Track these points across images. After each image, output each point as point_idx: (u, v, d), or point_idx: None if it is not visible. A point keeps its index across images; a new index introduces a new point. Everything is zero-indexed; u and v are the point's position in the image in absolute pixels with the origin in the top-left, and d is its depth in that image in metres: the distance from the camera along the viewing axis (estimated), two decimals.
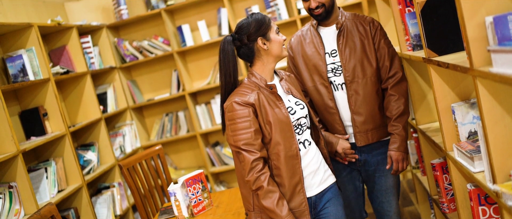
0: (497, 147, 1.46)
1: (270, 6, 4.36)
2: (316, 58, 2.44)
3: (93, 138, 3.95)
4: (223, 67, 2.03)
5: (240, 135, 1.96)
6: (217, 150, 4.61)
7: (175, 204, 2.43)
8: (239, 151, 1.97)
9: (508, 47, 1.21)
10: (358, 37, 2.41)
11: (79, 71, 3.80)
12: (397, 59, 2.43)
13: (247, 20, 2.06)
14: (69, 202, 3.45)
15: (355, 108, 2.41)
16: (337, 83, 2.43)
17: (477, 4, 1.43)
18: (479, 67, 1.43)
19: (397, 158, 2.41)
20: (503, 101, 1.46)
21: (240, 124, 1.97)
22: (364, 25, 2.44)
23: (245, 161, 1.96)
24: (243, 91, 2.02)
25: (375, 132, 2.45)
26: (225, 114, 2.03)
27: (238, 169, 2.10)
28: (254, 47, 2.04)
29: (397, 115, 2.40)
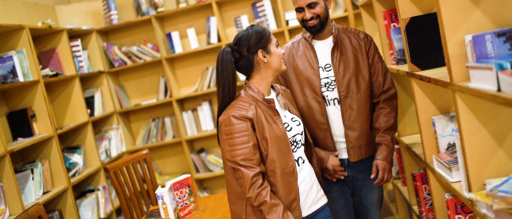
0: (474, 157, 1.55)
1: (258, 16, 4.44)
2: (309, 72, 2.38)
3: (80, 140, 3.97)
4: (222, 79, 1.97)
5: (238, 150, 1.90)
6: (202, 156, 4.65)
7: (162, 207, 2.47)
8: (237, 167, 1.90)
9: (484, 64, 1.30)
10: (351, 51, 2.37)
11: (68, 74, 3.83)
12: (389, 75, 2.43)
13: (247, 31, 2.00)
14: (54, 204, 3.46)
15: (349, 124, 2.37)
16: (329, 98, 2.38)
17: (457, 23, 1.53)
18: (458, 82, 1.52)
19: (383, 168, 2.37)
20: (480, 115, 1.55)
21: (238, 139, 1.90)
22: (358, 39, 2.40)
23: (244, 177, 1.89)
24: (241, 105, 1.96)
25: (367, 147, 2.42)
26: (221, 128, 1.96)
27: (231, 184, 2.02)
28: (253, 59, 1.99)
29: (386, 127, 2.38)
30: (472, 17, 1.53)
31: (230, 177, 2.01)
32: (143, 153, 3.48)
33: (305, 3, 2.29)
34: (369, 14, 3.09)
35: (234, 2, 4.57)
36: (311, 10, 2.30)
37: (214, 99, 4.73)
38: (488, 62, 1.30)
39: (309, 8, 2.30)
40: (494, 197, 1.36)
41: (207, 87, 4.55)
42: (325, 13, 2.33)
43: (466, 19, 1.53)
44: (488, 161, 1.55)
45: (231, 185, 2.02)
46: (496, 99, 1.21)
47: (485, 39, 1.44)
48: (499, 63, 1.24)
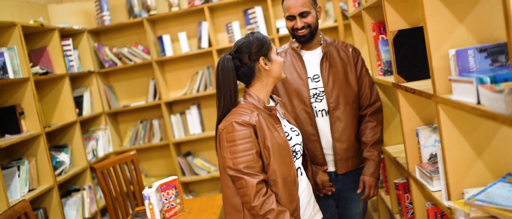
0: (453, 167, 1.61)
1: (250, 23, 4.49)
2: (298, 83, 2.35)
3: (67, 139, 3.97)
4: (223, 87, 1.93)
5: (241, 157, 1.84)
6: (188, 160, 4.68)
7: (148, 208, 2.50)
8: (240, 175, 1.84)
9: (466, 78, 1.36)
10: (340, 62, 2.38)
11: (58, 73, 3.84)
12: (375, 88, 2.47)
13: (248, 39, 1.97)
14: (39, 202, 3.46)
15: (337, 136, 2.36)
16: (317, 110, 2.37)
17: (442, 38, 1.59)
18: (441, 94, 1.58)
19: (370, 184, 2.39)
20: (461, 127, 1.61)
21: (241, 146, 1.85)
22: (346, 51, 2.42)
23: (248, 185, 1.83)
24: (242, 111, 1.92)
25: (354, 159, 2.43)
26: (222, 135, 1.90)
27: (228, 196, 1.95)
28: (255, 67, 1.96)
29: (374, 141, 2.40)
30: (456, 33, 1.59)
31: (228, 188, 1.94)
32: (130, 153, 3.50)
33: (297, 12, 2.29)
34: (359, 25, 3.15)
35: (226, 8, 4.62)
36: (303, 19, 2.30)
37: (203, 103, 4.76)
38: (470, 76, 1.36)
39: (301, 17, 2.30)
40: (471, 206, 1.41)
41: (196, 91, 4.59)
42: (315, 23, 2.35)
43: (450, 34, 1.59)
44: (467, 171, 1.61)
45: (228, 197, 1.95)
46: (476, 112, 1.26)
47: (467, 54, 1.51)
48: (479, 78, 1.30)
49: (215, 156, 4.82)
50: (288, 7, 2.32)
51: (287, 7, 2.33)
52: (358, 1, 2.93)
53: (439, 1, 1.58)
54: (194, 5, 4.44)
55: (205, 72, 4.60)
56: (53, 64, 3.87)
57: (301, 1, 2.29)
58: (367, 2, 2.50)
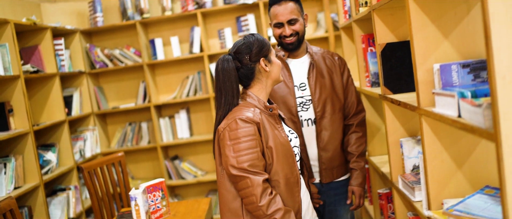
0: (434, 178, 1.66)
1: (242, 30, 4.54)
2: (284, 91, 2.33)
3: (55, 139, 3.97)
4: (224, 88, 1.89)
5: (245, 155, 1.79)
6: (175, 163, 4.69)
7: (134, 209, 2.51)
8: (245, 174, 1.78)
9: (448, 91, 1.41)
10: (326, 71, 2.38)
11: (49, 72, 3.85)
12: (360, 98, 2.50)
13: (248, 39, 1.96)
14: (24, 200, 3.45)
15: (323, 145, 2.35)
16: (303, 119, 2.35)
17: (428, 52, 1.64)
18: (425, 107, 1.63)
19: (360, 194, 2.41)
20: (442, 139, 1.66)
21: (245, 143, 1.80)
22: (332, 60, 2.42)
23: (253, 184, 1.77)
24: (245, 109, 1.88)
25: (339, 168, 2.43)
26: (223, 134, 1.84)
27: (226, 200, 1.89)
28: (255, 68, 1.94)
29: (360, 152, 2.41)
30: (441, 48, 1.64)
31: (226, 192, 1.89)
32: (118, 155, 3.51)
33: (286, 19, 2.30)
34: (349, 37, 3.21)
35: (219, 14, 4.67)
36: (291, 27, 2.31)
37: (192, 108, 4.78)
38: (452, 90, 1.41)
39: (289, 25, 2.31)
40: (449, 216, 1.46)
41: (186, 96, 4.61)
42: (303, 31, 2.36)
43: (436, 49, 1.65)
44: (447, 182, 1.66)
45: (226, 202, 1.89)
46: (456, 124, 1.31)
47: (451, 69, 1.56)
48: (461, 92, 1.35)
49: (202, 160, 4.85)
50: (276, 14, 2.32)
51: (275, 14, 2.33)
52: (349, 13, 2.99)
53: (425, 17, 1.64)
54: (187, 10, 4.48)
55: (195, 77, 4.63)
56: (44, 63, 3.87)
57: (289, 8, 2.30)
58: (358, 15, 2.56)
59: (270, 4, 2.37)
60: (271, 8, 2.35)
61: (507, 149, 1.06)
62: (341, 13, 3.25)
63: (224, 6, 4.44)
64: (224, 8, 4.44)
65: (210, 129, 4.76)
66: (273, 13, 2.34)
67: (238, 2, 4.44)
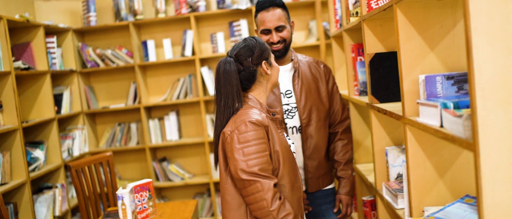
0: (416, 186, 1.70)
1: (234, 35, 4.57)
2: (271, 98, 2.30)
3: (43, 136, 3.97)
4: (225, 90, 1.84)
5: (256, 158, 1.74)
6: (163, 165, 4.70)
7: (121, 208, 2.53)
8: (256, 178, 1.73)
9: (432, 102, 1.45)
10: (311, 78, 2.37)
11: (40, 69, 3.85)
12: (345, 105, 2.51)
13: (249, 42, 1.93)
14: (10, 196, 3.45)
15: (308, 153, 2.34)
16: (289, 126, 2.34)
17: (414, 63, 1.69)
18: (409, 116, 1.67)
19: (347, 202, 2.40)
20: (426, 148, 1.70)
21: (256, 146, 1.76)
22: (318, 68, 2.42)
23: (264, 189, 1.72)
24: (252, 112, 1.83)
25: (325, 177, 2.42)
26: (231, 137, 1.79)
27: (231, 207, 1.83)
28: (256, 71, 1.91)
29: (346, 160, 2.42)
30: (427, 60, 1.69)
31: (231, 198, 1.83)
32: (106, 154, 3.52)
33: (273, 26, 2.28)
34: (339, 46, 3.26)
35: (212, 19, 4.70)
36: (279, 34, 2.29)
37: (182, 111, 4.80)
38: (436, 101, 1.45)
39: (276, 31, 2.29)
40: None
41: (176, 98, 4.64)
42: (290, 38, 2.35)
43: (421, 60, 1.69)
44: (429, 190, 1.70)
45: (231, 209, 1.84)
46: (438, 134, 1.35)
47: (436, 80, 1.60)
48: (444, 103, 1.39)
49: (190, 163, 4.86)
50: (264, 20, 2.30)
51: (262, 21, 2.31)
52: (340, 23, 3.04)
53: (413, 29, 1.68)
54: (181, 13, 4.51)
55: (186, 80, 4.66)
56: (36, 60, 3.88)
57: (277, 15, 2.29)
58: (348, 24, 2.61)
59: (257, 10, 2.35)
60: (258, 14, 2.34)
61: (484, 158, 1.10)
62: (332, 22, 3.30)
63: (217, 10, 4.48)
64: (217, 12, 4.48)
65: (199, 132, 4.78)
66: (260, 20, 2.33)
67: (232, 7, 4.48)
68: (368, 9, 2.17)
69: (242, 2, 4.47)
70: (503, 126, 1.09)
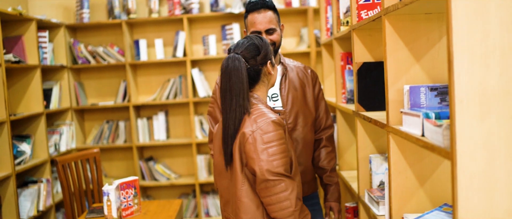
0: (397, 193, 1.74)
1: (226, 38, 4.61)
2: None
3: (31, 130, 3.97)
4: (236, 88, 1.77)
5: (280, 159, 1.74)
6: (150, 164, 4.71)
7: (106, 204, 2.55)
8: (282, 178, 1.73)
9: (415, 111, 1.50)
10: (299, 83, 2.35)
11: (30, 63, 3.86)
12: (329, 113, 2.50)
13: (256, 41, 1.90)
14: None
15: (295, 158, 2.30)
16: None
17: (399, 74, 1.73)
18: (393, 124, 1.72)
19: (338, 209, 2.39)
20: (408, 157, 1.75)
21: (279, 147, 1.75)
22: (305, 72, 2.40)
23: (288, 189, 1.73)
24: (268, 111, 1.81)
25: (310, 184, 2.40)
26: (255, 138, 1.74)
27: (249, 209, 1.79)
28: (261, 70, 1.89)
29: (332, 166, 2.41)
30: (412, 70, 1.74)
31: (250, 200, 1.79)
32: (94, 151, 3.53)
33: (264, 28, 2.24)
34: (329, 54, 3.30)
35: (205, 21, 4.73)
36: (269, 37, 2.25)
37: (171, 111, 4.82)
38: (418, 110, 1.50)
39: (267, 34, 2.25)
40: None
41: (165, 98, 4.66)
42: (280, 41, 2.31)
43: (407, 71, 1.74)
44: (409, 198, 1.75)
45: (249, 211, 1.79)
46: (419, 142, 1.40)
47: (420, 91, 1.65)
48: (426, 113, 1.44)
49: (176, 164, 4.88)
50: (254, 22, 2.25)
51: (253, 23, 2.26)
52: (330, 31, 3.09)
53: (400, 40, 1.73)
54: (174, 14, 4.54)
55: (176, 81, 4.68)
56: (27, 54, 3.88)
57: (268, 17, 2.25)
58: (339, 33, 2.65)
59: (247, 11, 2.30)
60: (249, 15, 2.29)
61: (461, 167, 1.14)
62: (323, 30, 3.35)
63: (210, 13, 4.51)
64: (210, 15, 4.52)
65: (187, 133, 4.80)
66: (250, 21, 2.27)
67: (225, 11, 4.52)
68: (358, 19, 2.22)
69: (235, 6, 4.51)
70: (479, 137, 1.14)
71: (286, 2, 4.58)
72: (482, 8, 1.14)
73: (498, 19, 1.14)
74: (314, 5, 4.51)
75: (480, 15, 1.14)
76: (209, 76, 4.77)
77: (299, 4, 4.56)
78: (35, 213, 3.74)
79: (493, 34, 1.15)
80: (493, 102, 1.14)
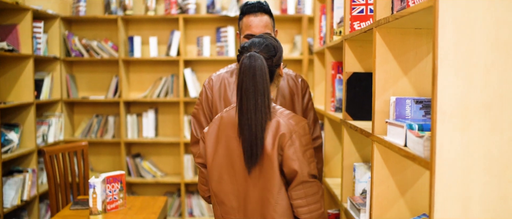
0: (378, 202, 1.79)
1: (220, 41, 4.65)
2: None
3: (20, 119, 3.97)
4: (262, 86, 1.71)
5: (313, 161, 1.79)
6: (136, 161, 4.73)
7: (92, 196, 2.56)
8: (316, 180, 1.78)
9: (399, 122, 1.54)
10: (288, 91, 2.31)
11: (23, 53, 3.86)
12: (318, 123, 2.47)
13: (274, 41, 1.86)
14: None
15: None
16: None
17: (387, 85, 1.78)
18: (377, 134, 1.76)
19: None
20: (390, 166, 1.79)
21: (312, 150, 1.81)
22: (295, 80, 2.35)
23: (319, 191, 1.80)
24: (294, 114, 1.84)
25: None
26: (292, 140, 1.74)
27: (286, 209, 1.78)
28: (275, 71, 1.87)
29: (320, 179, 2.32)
30: (400, 83, 1.79)
31: (286, 202, 1.78)
32: (82, 144, 3.54)
33: (259, 32, 2.18)
34: (321, 62, 3.35)
35: (200, 22, 4.77)
36: None
37: (161, 109, 4.84)
38: (403, 121, 1.55)
39: None
40: None
41: (156, 96, 4.68)
42: None
43: (394, 83, 1.79)
44: (390, 207, 1.79)
45: (287, 213, 1.78)
46: (401, 152, 1.44)
47: (405, 103, 1.70)
48: (409, 124, 1.49)
49: (163, 162, 4.89)
50: (250, 25, 2.20)
51: (248, 25, 2.21)
52: (323, 40, 3.14)
53: (389, 52, 1.78)
54: (170, 13, 4.57)
55: (168, 80, 4.70)
56: (20, 43, 3.88)
57: (264, 21, 2.21)
58: (331, 42, 2.70)
59: (243, 13, 2.24)
60: (244, 18, 2.23)
61: (439, 177, 1.19)
62: (317, 39, 3.40)
63: (206, 15, 4.55)
64: (206, 16, 4.56)
65: (176, 132, 4.83)
66: (246, 23, 2.22)
67: (221, 13, 4.56)
68: (350, 30, 2.27)
69: (231, 10, 4.55)
70: (458, 149, 1.18)
71: (282, 9, 4.63)
72: (468, 26, 1.18)
73: (483, 38, 1.19)
74: (309, 14, 4.57)
75: (466, 33, 1.19)
76: (201, 77, 4.80)
77: (295, 12, 4.61)
78: (18, 202, 3.74)
79: (478, 51, 1.19)
80: (474, 116, 1.19)
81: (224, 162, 1.84)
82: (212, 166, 1.87)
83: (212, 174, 1.87)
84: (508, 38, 1.18)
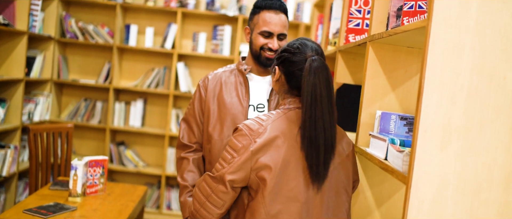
0: (354, 212, 1.82)
1: (216, 38, 4.67)
2: (236, 109, 2.00)
3: (7, 95, 3.96)
4: (331, 93, 1.60)
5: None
6: (120, 149, 4.73)
7: (73, 178, 2.57)
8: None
9: (382, 136, 1.58)
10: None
11: (18, 29, 3.85)
12: None
13: (318, 46, 1.70)
14: None
15: None
16: None
17: (374, 99, 1.82)
18: (361, 145, 1.80)
19: None
20: (370, 178, 1.83)
21: None
22: None
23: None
24: None
25: None
26: (354, 151, 1.77)
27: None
28: None
29: None
30: (387, 98, 1.83)
31: (346, 210, 1.70)
32: (67, 126, 3.54)
33: (278, 31, 2.01)
34: None
35: (198, 18, 4.79)
36: (279, 42, 2.02)
37: (150, 100, 4.85)
38: (386, 135, 1.59)
39: (278, 39, 2.02)
40: None
41: (147, 86, 4.69)
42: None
43: (382, 98, 1.83)
44: (364, 217, 1.83)
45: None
46: (381, 165, 1.48)
47: (390, 118, 1.74)
48: (392, 138, 1.52)
49: (147, 152, 4.90)
50: (269, 22, 2.00)
51: (267, 21, 2.01)
52: None
53: (380, 68, 1.82)
54: (169, 5, 4.58)
55: (160, 71, 4.72)
56: (16, 19, 3.88)
57: (283, 20, 2.04)
58: (325, 52, 2.74)
59: (260, 7, 2.04)
60: (262, 12, 2.03)
61: (414, 192, 1.22)
62: None
63: (205, 11, 4.57)
64: (204, 13, 4.58)
65: (162, 124, 4.84)
66: (263, 19, 2.01)
67: (219, 12, 4.59)
68: (345, 42, 2.31)
69: (230, 9, 4.58)
70: (435, 166, 1.22)
71: None
72: (456, 51, 1.23)
73: (470, 63, 1.23)
74: (307, 21, 4.62)
75: (453, 57, 1.23)
76: (194, 72, 4.82)
77: (293, 18, 4.65)
78: None
79: (463, 75, 1.24)
80: (454, 136, 1.23)
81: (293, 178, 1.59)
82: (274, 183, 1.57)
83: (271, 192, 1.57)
84: (493, 67, 1.23)
